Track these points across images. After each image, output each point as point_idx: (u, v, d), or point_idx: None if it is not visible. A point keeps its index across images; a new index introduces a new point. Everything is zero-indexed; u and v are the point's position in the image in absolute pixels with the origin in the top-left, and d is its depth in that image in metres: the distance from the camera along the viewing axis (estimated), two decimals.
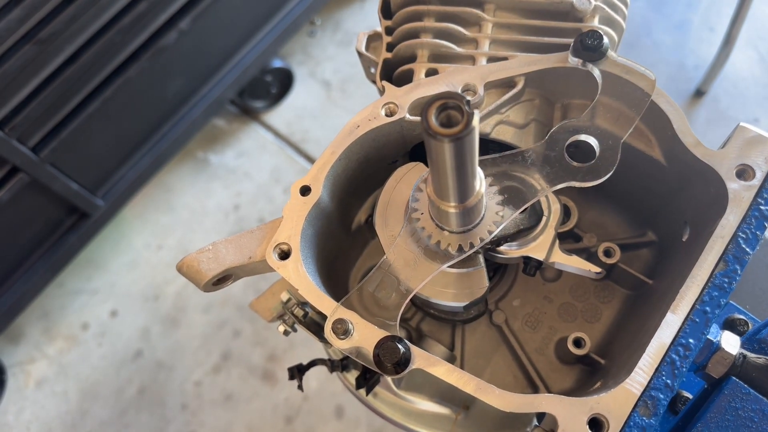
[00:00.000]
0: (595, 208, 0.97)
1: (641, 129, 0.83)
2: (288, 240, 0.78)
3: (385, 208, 0.83)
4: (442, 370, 0.70)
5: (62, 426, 2.42)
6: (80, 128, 2.10)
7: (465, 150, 0.59)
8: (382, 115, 0.83)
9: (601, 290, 0.95)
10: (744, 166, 0.74)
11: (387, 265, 0.76)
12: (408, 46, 0.90)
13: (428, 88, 0.83)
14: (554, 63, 0.82)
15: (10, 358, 2.54)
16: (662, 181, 0.85)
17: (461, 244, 0.76)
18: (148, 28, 2.09)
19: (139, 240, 2.71)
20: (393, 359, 0.69)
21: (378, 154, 0.87)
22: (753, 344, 0.82)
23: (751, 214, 0.72)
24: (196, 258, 0.79)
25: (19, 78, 1.86)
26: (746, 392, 0.75)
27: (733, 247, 0.71)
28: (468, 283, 0.80)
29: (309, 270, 0.78)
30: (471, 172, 0.65)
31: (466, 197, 0.69)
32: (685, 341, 0.69)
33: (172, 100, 2.39)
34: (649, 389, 0.67)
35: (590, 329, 0.93)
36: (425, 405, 0.99)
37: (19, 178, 2.02)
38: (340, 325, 0.71)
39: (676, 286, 0.73)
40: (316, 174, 0.81)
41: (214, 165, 2.84)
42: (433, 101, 0.56)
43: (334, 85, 2.97)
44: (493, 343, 0.94)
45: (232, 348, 2.48)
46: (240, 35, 2.49)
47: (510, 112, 0.84)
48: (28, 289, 2.29)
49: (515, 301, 0.95)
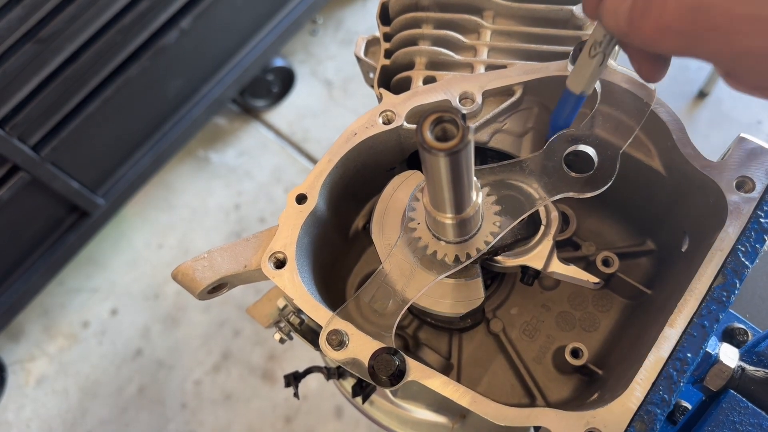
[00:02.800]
0: (594, 216, 0.97)
1: (641, 139, 0.82)
2: (283, 249, 0.77)
3: (382, 217, 0.83)
4: (437, 383, 0.69)
5: (62, 424, 2.43)
6: (81, 127, 2.10)
7: (461, 163, 0.58)
8: (379, 123, 0.82)
9: (599, 299, 0.94)
10: (744, 178, 0.74)
11: (383, 275, 0.76)
12: (406, 53, 0.89)
13: (426, 96, 0.82)
14: (553, 72, 0.81)
15: (11, 356, 2.54)
16: (662, 191, 0.84)
17: (458, 255, 0.75)
18: (149, 27, 2.09)
19: (140, 239, 2.71)
20: (388, 371, 0.68)
21: (375, 162, 0.87)
22: (752, 356, 0.81)
23: (750, 227, 0.71)
24: (191, 266, 0.78)
25: (20, 77, 1.85)
26: (744, 406, 0.74)
27: (732, 261, 0.70)
28: (464, 293, 0.79)
29: (305, 278, 0.78)
30: (467, 184, 0.64)
31: (462, 208, 0.68)
32: (682, 355, 0.68)
33: (173, 99, 2.39)
34: (646, 404, 0.67)
35: (588, 338, 0.92)
36: (422, 413, 0.99)
37: (19, 176, 2.02)
38: (335, 336, 0.71)
39: (674, 297, 0.73)
40: (313, 182, 0.80)
41: (215, 164, 2.84)
42: (428, 115, 0.56)
43: (335, 84, 2.96)
44: (490, 352, 0.93)
45: (232, 347, 2.48)
46: (241, 34, 2.48)
47: (508, 121, 0.84)
48: (29, 287, 2.30)
49: (513, 310, 0.94)
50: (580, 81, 0.74)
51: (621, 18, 0.60)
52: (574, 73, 0.75)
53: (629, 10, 0.59)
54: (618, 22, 0.61)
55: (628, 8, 0.59)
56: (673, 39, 0.56)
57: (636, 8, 0.58)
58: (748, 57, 0.53)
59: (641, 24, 0.58)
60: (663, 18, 0.55)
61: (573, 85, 0.75)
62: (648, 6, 0.56)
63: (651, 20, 0.56)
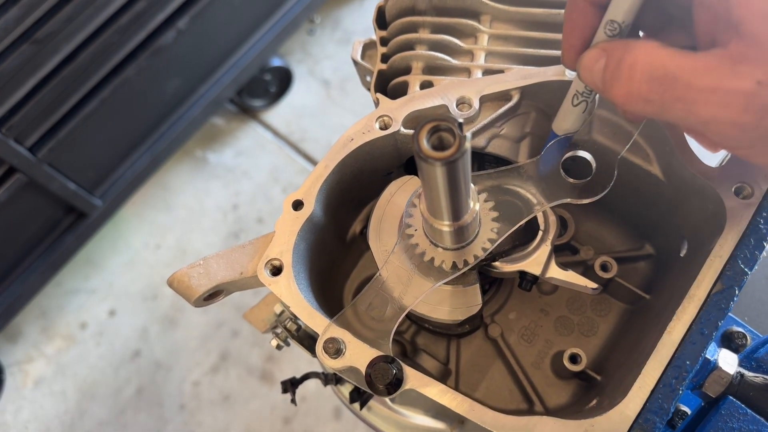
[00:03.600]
0: (593, 220, 0.96)
1: (639, 143, 0.82)
2: (280, 255, 0.77)
3: (378, 223, 0.82)
4: (434, 391, 0.69)
5: (60, 426, 2.42)
6: (78, 128, 2.09)
7: (458, 172, 0.58)
8: (376, 129, 0.82)
9: (597, 303, 0.94)
10: (743, 184, 0.73)
11: (380, 283, 0.75)
12: (403, 57, 0.88)
13: (423, 101, 0.82)
14: (551, 76, 0.81)
15: (8, 358, 2.54)
16: (660, 196, 0.84)
17: (455, 262, 0.75)
18: (146, 27, 2.08)
19: (138, 239, 2.71)
20: (385, 380, 0.68)
21: (372, 167, 0.86)
22: (750, 362, 0.81)
23: (749, 234, 0.71)
24: (186, 273, 0.78)
25: (16, 78, 1.85)
26: (743, 412, 0.74)
27: (731, 267, 0.70)
28: (462, 299, 0.79)
29: (301, 285, 0.77)
30: (464, 192, 0.64)
31: (459, 216, 0.68)
32: (681, 363, 0.68)
33: (171, 99, 2.38)
34: (645, 412, 0.66)
35: (587, 343, 0.92)
36: (420, 419, 0.98)
37: (16, 178, 2.01)
38: (331, 344, 0.70)
39: (673, 304, 0.72)
40: (309, 188, 0.80)
41: (212, 164, 2.83)
42: (424, 124, 0.55)
43: (333, 83, 2.96)
44: (488, 357, 0.93)
45: (230, 348, 2.47)
46: (238, 34, 2.47)
47: (505, 126, 0.83)
48: (26, 288, 2.29)
49: (511, 314, 0.94)
50: (565, 126, 0.75)
51: (596, 77, 0.62)
52: (559, 118, 0.76)
53: (602, 70, 0.60)
54: (594, 80, 0.63)
55: (601, 69, 0.61)
56: (642, 105, 0.57)
57: (608, 70, 0.60)
58: (714, 124, 0.55)
59: (612, 87, 0.59)
60: (632, 85, 0.57)
61: (559, 129, 0.76)
62: (618, 71, 0.58)
63: (621, 86, 0.58)
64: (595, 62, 0.62)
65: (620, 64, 0.58)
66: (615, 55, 0.59)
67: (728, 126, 0.54)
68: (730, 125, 0.54)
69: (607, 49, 0.61)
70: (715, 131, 0.56)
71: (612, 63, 0.59)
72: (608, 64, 0.59)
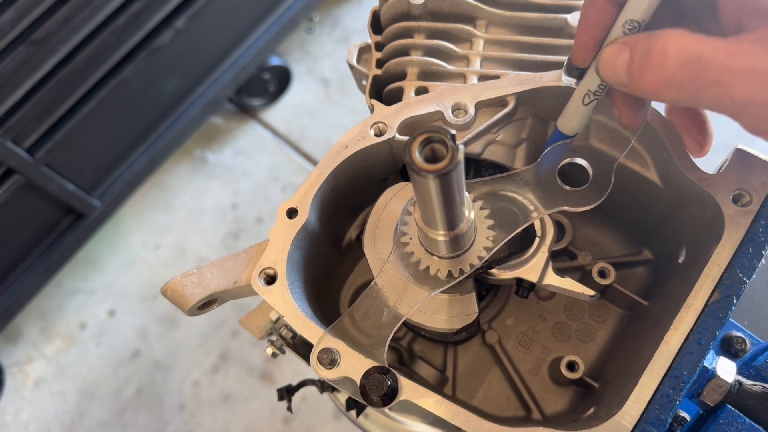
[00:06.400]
0: (590, 225, 0.96)
1: (637, 149, 0.81)
2: (274, 264, 0.76)
3: (374, 230, 0.81)
4: (430, 402, 0.68)
5: (60, 426, 2.42)
6: (76, 129, 2.09)
7: (451, 184, 0.57)
8: (371, 135, 0.81)
9: (595, 309, 0.93)
10: (741, 191, 0.72)
11: (375, 291, 0.75)
12: (398, 63, 0.87)
13: (418, 108, 0.81)
14: (547, 82, 0.80)
15: (8, 358, 2.54)
16: (658, 203, 0.83)
17: (451, 270, 0.74)
18: (143, 27, 2.07)
19: (137, 239, 2.70)
20: (380, 391, 0.67)
21: (367, 173, 0.86)
22: (749, 370, 0.80)
23: (747, 242, 0.70)
24: (180, 282, 0.77)
25: (14, 79, 1.84)
26: (741, 421, 0.73)
27: (729, 276, 0.69)
28: (459, 308, 0.78)
29: (296, 294, 0.77)
30: (459, 202, 0.63)
31: (454, 226, 0.67)
32: (679, 373, 0.67)
33: (169, 99, 2.37)
34: (642, 422, 0.66)
35: (584, 349, 0.91)
36: (417, 426, 0.98)
37: (14, 179, 2.01)
38: (326, 354, 0.70)
39: (671, 312, 0.71)
40: (303, 196, 0.79)
41: (211, 164, 2.83)
42: (416, 135, 0.55)
43: (332, 82, 2.95)
44: (486, 364, 0.92)
45: (230, 348, 2.47)
46: (237, 33, 2.46)
47: (501, 132, 0.82)
48: (26, 289, 2.29)
49: (508, 321, 0.93)
50: (573, 124, 0.75)
51: (620, 71, 0.62)
52: (567, 117, 0.75)
53: (628, 63, 0.60)
54: (617, 75, 0.62)
55: (626, 61, 0.60)
56: (675, 91, 0.57)
57: (635, 61, 0.60)
58: (750, 105, 0.55)
59: (642, 77, 0.59)
60: (665, 72, 0.57)
61: (565, 128, 0.76)
62: (648, 60, 0.58)
63: (652, 74, 0.58)
64: (617, 56, 0.61)
65: (649, 53, 0.58)
66: (640, 46, 0.59)
67: (765, 107, 0.54)
68: (764, 105, 0.54)
69: (629, 43, 0.61)
70: (750, 113, 0.56)
71: (638, 54, 0.59)
72: (633, 55, 0.60)
